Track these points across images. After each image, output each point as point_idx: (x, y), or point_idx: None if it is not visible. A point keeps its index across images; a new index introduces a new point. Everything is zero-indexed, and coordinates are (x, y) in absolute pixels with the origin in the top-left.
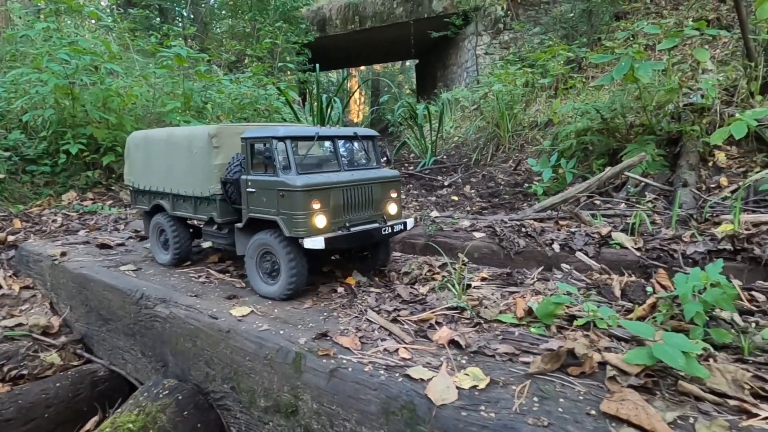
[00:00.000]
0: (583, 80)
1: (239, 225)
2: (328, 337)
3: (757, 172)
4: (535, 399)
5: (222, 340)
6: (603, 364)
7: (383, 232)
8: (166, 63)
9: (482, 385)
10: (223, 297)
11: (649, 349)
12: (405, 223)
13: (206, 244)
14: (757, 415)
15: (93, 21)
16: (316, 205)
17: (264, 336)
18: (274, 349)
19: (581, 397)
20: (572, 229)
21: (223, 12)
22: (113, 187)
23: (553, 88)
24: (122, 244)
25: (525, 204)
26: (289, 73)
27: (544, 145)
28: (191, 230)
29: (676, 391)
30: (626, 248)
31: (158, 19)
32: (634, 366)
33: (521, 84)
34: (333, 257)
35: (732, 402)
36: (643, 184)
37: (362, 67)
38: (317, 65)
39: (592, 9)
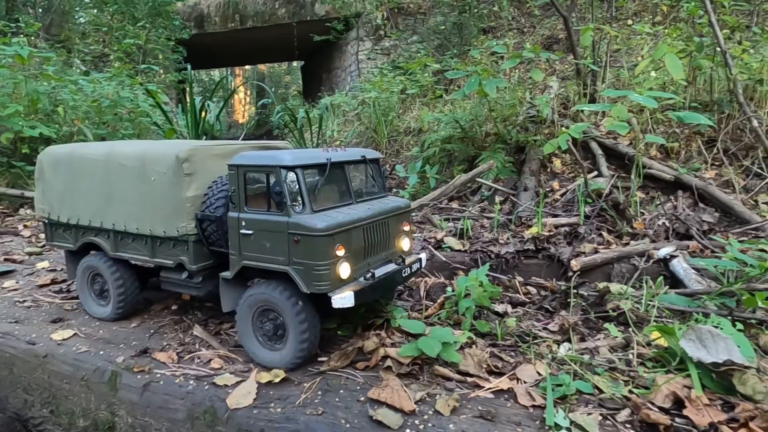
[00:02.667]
0: (445, 91)
1: (226, 275)
2: (147, 354)
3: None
4: (320, 393)
5: (39, 365)
6: (386, 358)
7: (404, 275)
8: (4, 62)
9: (278, 380)
10: (48, 321)
11: (416, 342)
12: (420, 260)
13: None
14: (482, 387)
15: None
16: (341, 251)
17: (82, 358)
18: (90, 369)
19: (359, 388)
20: (414, 234)
21: (86, 0)
22: None
23: (424, 96)
24: None
25: None
26: (162, 72)
27: (413, 152)
28: (140, 275)
29: (432, 374)
30: (456, 250)
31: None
32: (406, 357)
33: (398, 91)
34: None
35: (471, 379)
36: (493, 189)
37: (247, 67)
38: (189, 65)
39: (463, 22)
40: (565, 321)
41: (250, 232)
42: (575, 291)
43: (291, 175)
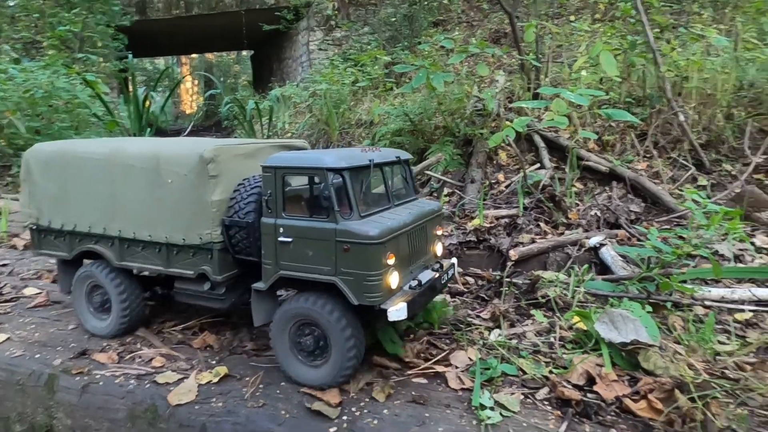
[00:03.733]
0: (395, 84)
1: (260, 286)
2: (86, 355)
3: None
4: (261, 386)
5: None
6: None
7: (443, 281)
8: None
9: (217, 380)
10: None
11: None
12: (454, 265)
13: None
14: (412, 370)
15: None
16: (391, 260)
17: (16, 362)
18: (26, 373)
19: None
20: None
21: None
22: None
23: (376, 89)
24: None
25: None
26: (101, 61)
27: (364, 144)
28: (144, 285)
29: (373, 365)
30: None
31: None
32: None
33: (349, 83)
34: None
35: (408, 367)
36: (442, 181)
37: (194, 55)
38: (131, 53)
39: (413, 14)
40: (496, 309)
41: (289, 239)
42: (508, 280)
43: (338, 179)
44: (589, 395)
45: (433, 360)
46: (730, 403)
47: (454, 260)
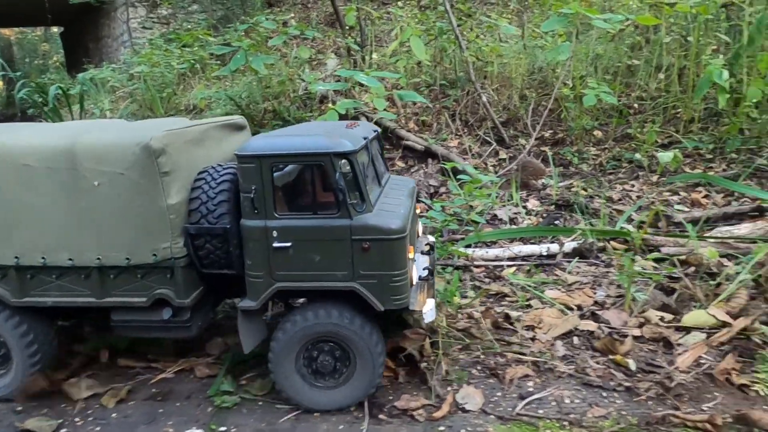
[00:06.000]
0: (218, 66)
1: (248, 304)
2: None
3: None
4: None
5: None
6: None
7: (436, 262)
8: None
9: None
10: None
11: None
12: (433, 244)
13: None
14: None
15: None
16: (411, 254)
17: None
18: None
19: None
20: None
21: None
22: None
23: (204, 72)
24: None
25: None
26: None
27: None
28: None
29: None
30: None
31: None
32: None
33: (176, 66)
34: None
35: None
36: None
37: None
38: None
39: None
40: None
41: (286, 244)
42: None
43: (345, 164)
44: None
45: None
46: (460, 350)
47: (432, 238)
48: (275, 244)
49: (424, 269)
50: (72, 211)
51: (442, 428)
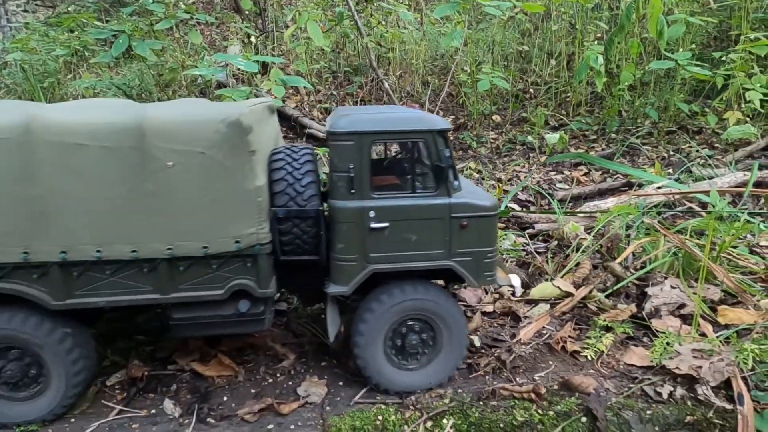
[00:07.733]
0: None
1: (339, 290)
2: None
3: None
4: None
5: None
6: None
7: None
8: None
9: None
10: None
11: None
12: None
13: None
14: None
15: None
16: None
17: None
18: None
19: None
20: None
21: None
22: None
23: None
24: None
25: None
26: None
27: None
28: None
29: None
30: None
31: None
32: None
33: (62, 53)
34: None
35: None
36: None
37: None
38: None
39: None
40: None
41: (383, 225)
42: None
43: (441, 141)
44: None
45: None
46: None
47: None
48: (372, 225)
49: None
50: (135, 196)
51: (270, 426)
